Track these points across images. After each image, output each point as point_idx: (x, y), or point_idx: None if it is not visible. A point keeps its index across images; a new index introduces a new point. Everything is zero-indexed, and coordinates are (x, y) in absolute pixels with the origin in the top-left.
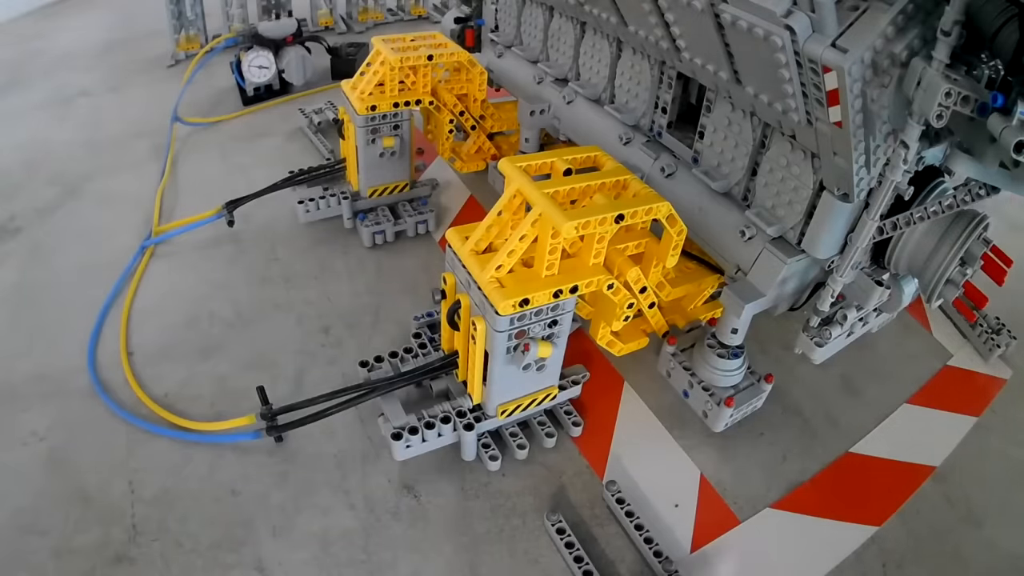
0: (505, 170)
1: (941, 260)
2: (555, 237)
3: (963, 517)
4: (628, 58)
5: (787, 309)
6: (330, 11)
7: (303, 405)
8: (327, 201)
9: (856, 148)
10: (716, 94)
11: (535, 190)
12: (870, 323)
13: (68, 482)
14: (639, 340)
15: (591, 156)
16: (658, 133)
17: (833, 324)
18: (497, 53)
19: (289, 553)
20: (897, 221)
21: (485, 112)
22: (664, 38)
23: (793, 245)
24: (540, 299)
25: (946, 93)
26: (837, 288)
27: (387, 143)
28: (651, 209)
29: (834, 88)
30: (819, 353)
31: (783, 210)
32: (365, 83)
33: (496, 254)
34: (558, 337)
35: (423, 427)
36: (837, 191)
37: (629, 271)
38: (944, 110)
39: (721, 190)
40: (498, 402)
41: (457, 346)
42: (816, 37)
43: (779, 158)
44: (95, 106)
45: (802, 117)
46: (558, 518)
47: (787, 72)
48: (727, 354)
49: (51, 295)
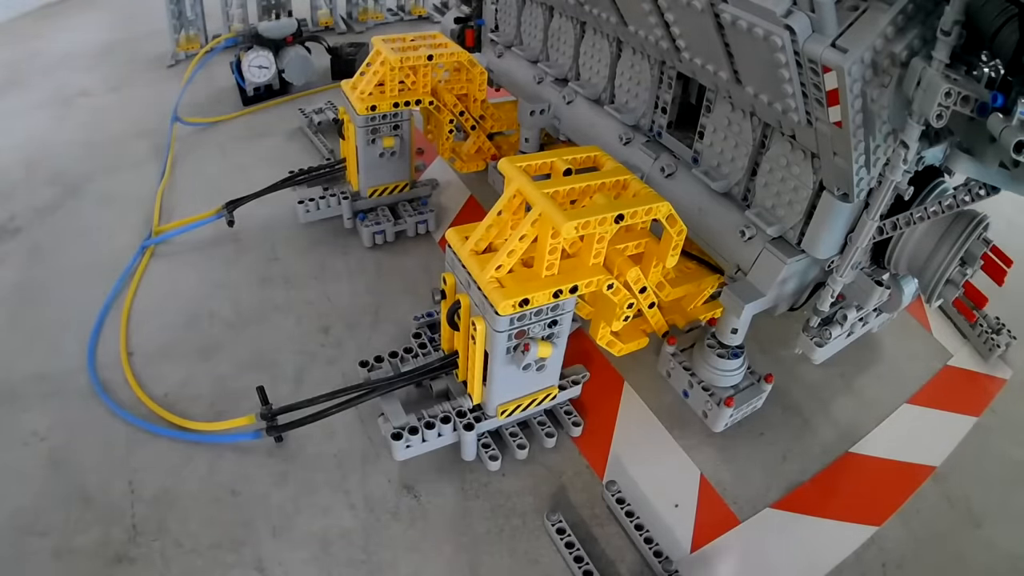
0: (505, 170)
1: (941, 260)
2: (555, 237)
3: (963, 517)
4: (628, 58)
5: (787, 309)
6: (330, 11)
7: (303, 405)
8: (327, 201)
9: (856, 148)
10: (716, 94)
11: (535, 190)
12: (870, 323)
13: (68, 482)
14: (639, 340)
15: (591, 156)
16: (658, 133)
17: (833, 324)
18: (497, 53)
19: (289, 553)
20: (897, 221)
21: (485, 112)
22: (664, 38)
23: (793, 245)
24: (540, 299)
25: (946, 93)
26: (837, 288)
27: (387, 143)
28: (651, 209)
29: (834, 88)
30: (819, 353)
31: (783, 210)
32: (365, 83)
33: (496, 254)
34: (558, 337)
35: (423, 427)
36: (837, 191)
37: (629, 271)
38: (944, 110)
39: (721, 190)
40: (498, 402)
41: (457, 346)
42: (816, 37)
43: (779, 158)
44: (95, 106)
45: (802, 117)
46: (558, 518)
47: (787, 72)
48: (727, 354)
49: (51, 295)
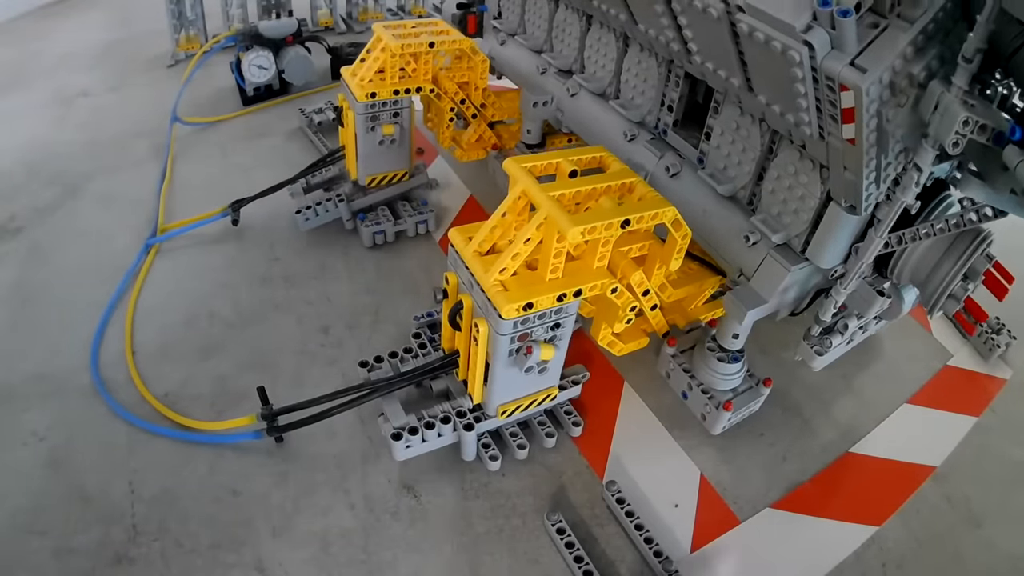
0: (510, 171)
1: (944, 275)
2: (560, 241)
3: (963, 517)
4: (635, 54)
5: (788, 314)
6: (330, 11)
7: (304, 406)
8: (324, 207)
9: (867, 165)
10: (725, 97)
11: (541, 193)
12: (870, 330)
13: (68, 482)
14: (639, 340)
15: (597, 157)
16: (663, 131)
17: (834, 333)
18: (500, 41)
19: (289, 553)
20: (903, 236)
21: (486, 100)
22: (675, 40)
23: (797, 253)
24: (544, 303)
25: (964, 121)
26: (841, 299)
27: (387, 131)
28: (657, 214)
29: (850, 107)
30: (819, 362)
31: (789, 218)
32: (365, 70)
33: (500, 256)
34: (560, 340)
35: (423, 427)
36: (844, 203)
37: (633, 274)
38: (960, 138)
39: (726, 193)
40: (498, 402)
41: (458, 346)
42: (835, 54)
43: (787, 166)
44: (95, 106)
45: (815, 131)
46: (558, 518)
47: (802, 87)
48: (727, 358)
49: (51, 295)
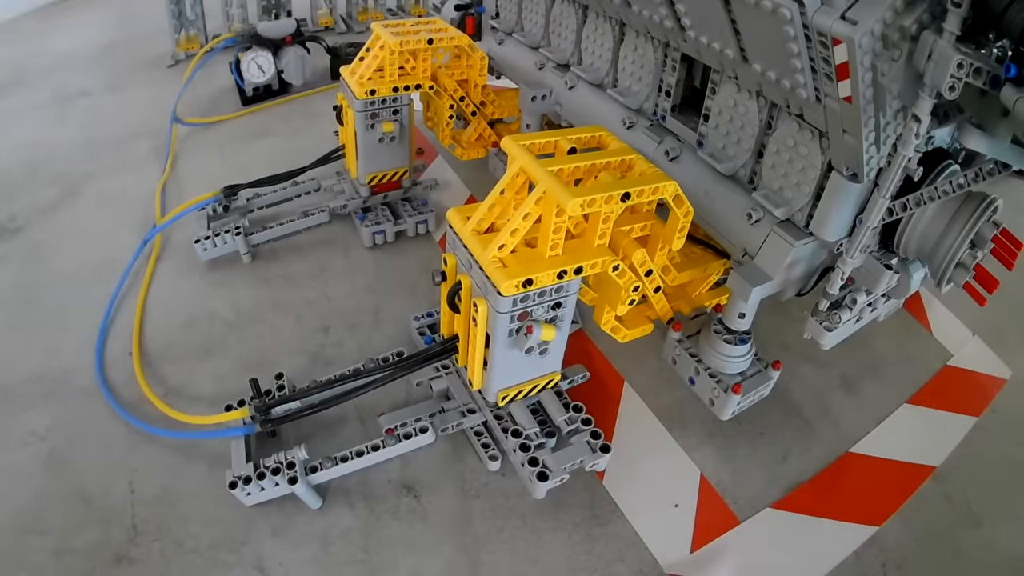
0: (508, 148)
1: (951, 243)
2: (559, 216)
3: (963, 517)
4: (631, 41)
5: (794, 294)
6: (330, 11)
7: (296, 396)
8: (223, 238)
9: (866, 124)
10: (721, 75)
11: (539, 168)
12: (878, 309)
13: (68, 482)
14: (643, 327)
15: (595, 136)
16: (662, 117)
17: (842, 308)
18: (498, 40)
19: (289, 553)
20: (907, 201)
21: (486, 98)
22: (669, 17)
23: (801, 228)
24: (544, 280)
25: (958, 64)
26: (847, 270)
27: (386, 128)
28: (658, 188)
29: (844, 61)
30: (829, 338)
31: (791, 192)
32: (364, 68)
33: (498, 234)
34: (562, 320)
35: (256, 477)
36: (846, 171)
37: (635, 253)
38: (956, 81)
39: (727, 172)
40: (499, 387)
41: (457, 330)
42: (825, 10)
43: (786, 139)
44: (95, 106)
45: (811, 94)
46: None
47: (795, 46)
48: (734, 340)
49: (51, 295)
